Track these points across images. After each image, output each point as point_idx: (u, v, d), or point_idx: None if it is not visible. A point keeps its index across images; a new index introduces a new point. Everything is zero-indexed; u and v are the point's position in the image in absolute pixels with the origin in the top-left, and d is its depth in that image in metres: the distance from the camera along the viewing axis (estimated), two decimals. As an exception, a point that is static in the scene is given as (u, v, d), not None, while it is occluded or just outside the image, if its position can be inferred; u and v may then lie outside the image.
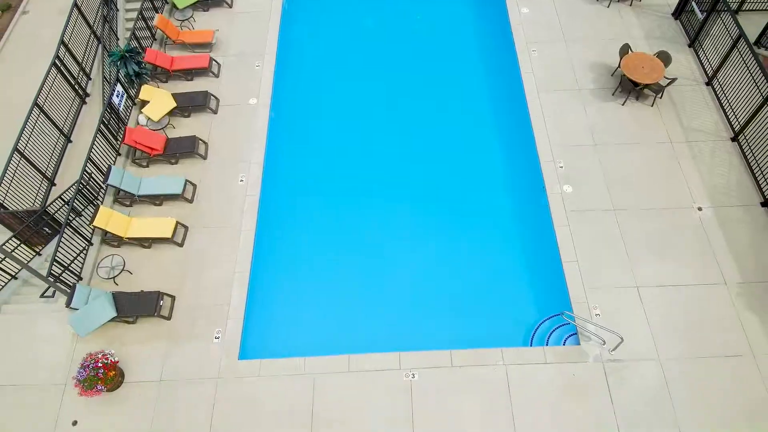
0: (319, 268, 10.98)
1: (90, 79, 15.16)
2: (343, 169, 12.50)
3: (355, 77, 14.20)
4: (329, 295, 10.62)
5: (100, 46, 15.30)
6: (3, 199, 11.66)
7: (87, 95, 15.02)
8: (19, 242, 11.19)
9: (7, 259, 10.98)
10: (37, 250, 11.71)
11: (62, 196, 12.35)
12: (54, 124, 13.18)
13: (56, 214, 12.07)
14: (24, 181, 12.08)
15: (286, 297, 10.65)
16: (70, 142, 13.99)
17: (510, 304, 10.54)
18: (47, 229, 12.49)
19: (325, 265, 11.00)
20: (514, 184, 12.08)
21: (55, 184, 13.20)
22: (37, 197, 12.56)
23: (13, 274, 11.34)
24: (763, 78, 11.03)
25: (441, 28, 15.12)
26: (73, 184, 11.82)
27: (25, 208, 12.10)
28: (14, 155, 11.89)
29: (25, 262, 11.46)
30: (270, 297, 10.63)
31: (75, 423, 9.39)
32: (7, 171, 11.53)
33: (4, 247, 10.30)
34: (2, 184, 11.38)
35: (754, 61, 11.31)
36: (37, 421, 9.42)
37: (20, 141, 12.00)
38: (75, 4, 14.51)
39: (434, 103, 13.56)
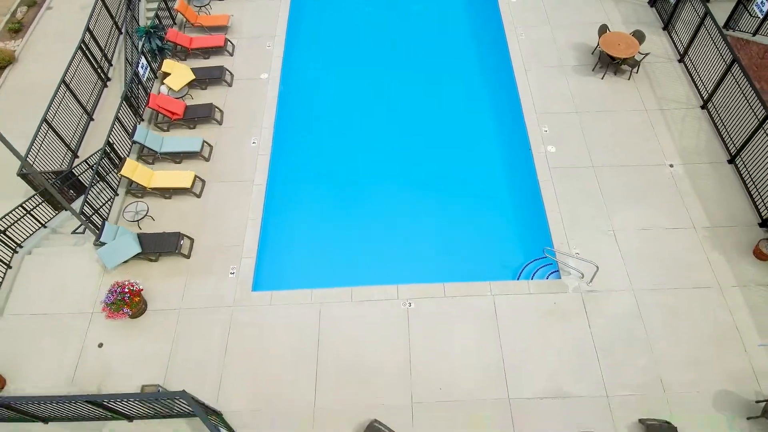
0: (325, 213, 12.16)
1: (111, 65, 16.48)
2: (346, 130, 13.81)
3: (356, 56, 15.60)
4: (334, 235, 11.76)
5: (122, 34, 16.67)
6: (33, 162, 12.77)
7: (108, 79, 16.32)
8: (42, 199, 12.21)
9: (37, 208, 12.04)
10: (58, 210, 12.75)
11: (87, 161, 13.49)
12: (78, 101, 14.39)
13: (81, 176, 13.20)
14: (50, 151, 13.19)
15: (295, 238, 11.78)
16: (92, 120, 15.22)
17: (499, 248, 11.60)
18: (73, 191, 13.65)
19: (330, 210, 12.20)
20: (505, 146, 13.28)
21: (77, 156, 14.37)
22: (62, 165, 13.70)
23: (43, 222, 12.38)
24: (729, 51, 12.27)
25: (437, 14, 16.54)
26: (97, 152, 12.91)
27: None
28: (42, 125, 13.06)
29: (52, 216, 12.56)
30: (280, 238, 11.74)
31: (101, 345, 10.32)
32: (36, 139, 12.64)
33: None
34: (31, 151, 12.48)
35: (720, 38, 12.57)
36: (67, 344, 10.34)
37: (48, 113, 13.16)
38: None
39: (432, 78, 14.90)
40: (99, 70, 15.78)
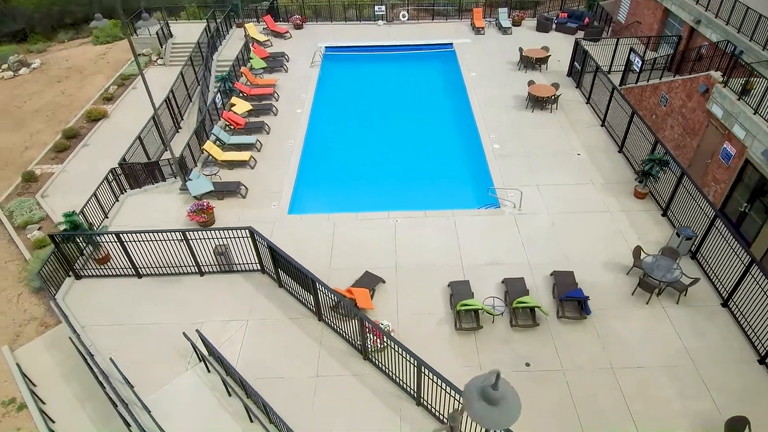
0: (339, 174, 17.77)
1: (183, 118, 23.10)
2: (357, 137, 20.05)
3: (363, 102, 22.36)
4: (345, 179, 17.35)
5: (199, 85, 23.66)
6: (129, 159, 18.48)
7: (180, 128, 22.83)
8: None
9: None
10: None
11: (169, 161, 19.17)
12: (159, 133, 20.59)
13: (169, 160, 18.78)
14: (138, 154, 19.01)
15: (317, 184, 17.27)
16: (168, 147, 21.28)
17: (459, 197, 16.68)
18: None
19: (343, 172, 17.87)
20: (466, 147, 19.20)
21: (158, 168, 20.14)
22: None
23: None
24: (611, 86, 18.57)
25: (421, 80, 23.73)
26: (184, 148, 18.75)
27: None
28: (135, 141, 19.06)
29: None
30: (307, 185, 17.05)
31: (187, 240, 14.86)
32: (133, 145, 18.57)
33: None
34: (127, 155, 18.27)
35: (610, 84, 18.87)
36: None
37: (141, 133, 19.24)
38: (181, 72, 23.20)
39: (418, 115, 21.40)
40: (175, 119, 22.34)
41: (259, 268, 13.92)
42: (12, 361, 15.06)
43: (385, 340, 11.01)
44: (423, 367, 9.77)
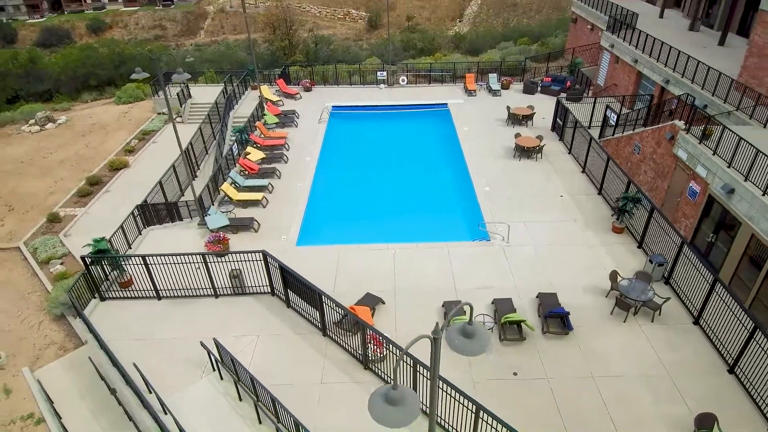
0: (342, 211, 19.37)
1: (199, 167, 25.14)
2: (359, 179, 21.93)
3: (366, 152, 24.42)
4: (349, 216, 18.92)
5: (215, 142, 25.87)
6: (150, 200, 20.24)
7: (196, 176, 24.80)
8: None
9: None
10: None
11: (187, 203, 20.91)
12: (177, 180, 22.50)
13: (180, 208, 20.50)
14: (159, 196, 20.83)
15: (323, 220, 18.85)
16: (183, 195, 23.16)
17: (453, 231, 18.20)
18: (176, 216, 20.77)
19: (347, 207, 19.45)
20: (460, 189, 20.93)
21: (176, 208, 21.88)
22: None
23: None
24: (589, 137, 20.65)
25: (419, 134, 25.97)
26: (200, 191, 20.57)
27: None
28: (156, 185, 20.93)
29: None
30: (314, 220, 18.62)
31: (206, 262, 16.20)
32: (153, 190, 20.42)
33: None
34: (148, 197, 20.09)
35: (587, 134, 21.03)
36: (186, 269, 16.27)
37: (162, 179, 21.15)
38: (200, 127, 25.52)
39: (416, 162, 23.45)
40: (192, 168, 24.33)
41: (269, 290, 15.20)
42: (32, 380, 16.00)
43: (385, 346, 12.12)
44: (418, 365, 10.86)
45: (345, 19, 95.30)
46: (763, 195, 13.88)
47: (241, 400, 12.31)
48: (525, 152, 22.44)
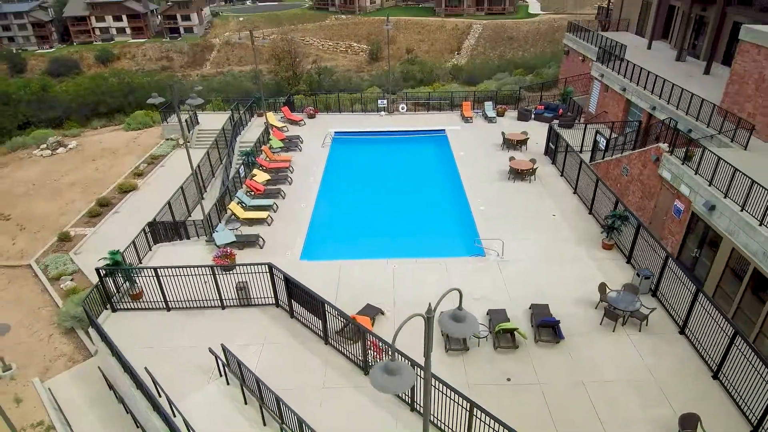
0: (344, 225, 20.17)
1: (206, 189, 26.13)
2: (361, 197, 22.64)
3: (367, 174, 25.42)
4: (350, 234, 19.68)
5: (221, 166, 26.92)
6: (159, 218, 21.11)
7: (203, 198, 25.75)
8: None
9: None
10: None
11: (194, 221, 21.78)
12: (185, 201, 23.43)
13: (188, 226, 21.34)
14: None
15: (325, 236, 19.60)
16: (190, 215, 24.05)
17: (450, 248, 18.97)
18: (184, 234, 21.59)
19: (349, 225, 20.23)
20: (457, 209, 21.81)
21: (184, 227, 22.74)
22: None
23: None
24: (579, 160, 21.66)
25: (417, 158, 27.03)
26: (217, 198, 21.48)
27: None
28: (165, 205, 21.86)
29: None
30: (317, 237, 19.38)
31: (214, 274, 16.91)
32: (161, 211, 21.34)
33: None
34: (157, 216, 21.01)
35: (578, 158, 22.06)
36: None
37: (171, 199, 22.11)
38: (207, 152, 26.67)
39: (415, 184, 24.41)
40: (199, 189, 25.29)
41: (274, 302, 15.89)
42: (42, 390, 16.52)
43: (384, 351, 12.75)
44: (415, 367, 11.48)
45: (347, 51, 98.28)
46: (742, 210, 14.73)
47: (246, 403, 12.85)
48: (519, 175, 23.41)
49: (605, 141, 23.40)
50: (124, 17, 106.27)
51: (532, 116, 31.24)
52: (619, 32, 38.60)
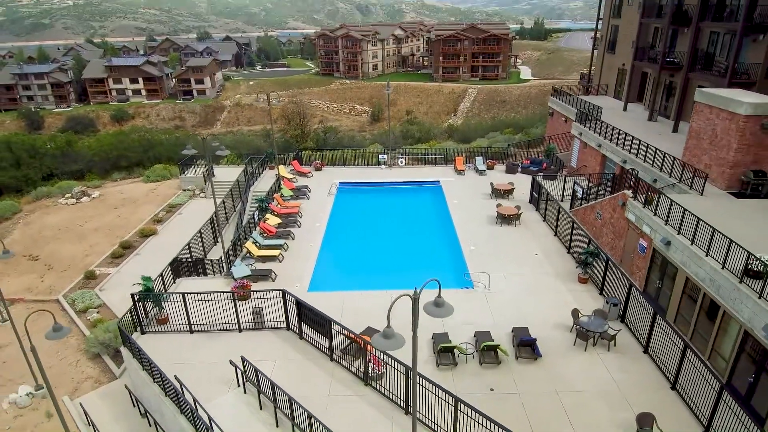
0: (349, 262, 22.21)
1: (221, 235, 28.60)
2: (363, 238, 24.87)
3: (368, 219, 27.90)
4: (353, 269, 21.63)
5: (236, 213, 29.53)
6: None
7: (218, 241, 28.18)
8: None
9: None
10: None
11: (211, 260, 24.09)
12: (202, 243, 25.85)
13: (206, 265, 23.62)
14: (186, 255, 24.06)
15: (331, 271, 21.64)
16: (206, 256, 26.42)
17: (443, 280, 21.05)
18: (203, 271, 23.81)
19: (351, 261, 22.25)
20: (449, 248, 24.09)
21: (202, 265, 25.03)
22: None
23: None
24: (558, 208, 24.25)
25: (414, 205, 29.64)
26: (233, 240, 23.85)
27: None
28: (185, 246, 24.30)
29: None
30: (323, 271, 21.52)
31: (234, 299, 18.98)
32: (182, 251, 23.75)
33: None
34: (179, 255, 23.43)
35: (557, 205, 24.68)
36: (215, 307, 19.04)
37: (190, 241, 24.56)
38: (223, 201, 29.43)
39: (411, 228, 26.78)
40: (215, 234, 27.81)
41: (285, 325, 17.91)
42: (72, 406, 18.23)
43: (383, 364, 14.69)
44: (409, 371, 13.43)
45: (350, 113, 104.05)
46: (692, 244, 17.06)
47: (261, 408, 14.64)
48: (505, 219, 25.92)
49: (582, 190, 26.10)
50: (140, 80, 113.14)
51: (519, 170, 34.19)
52: (599, 96, 42.49)
